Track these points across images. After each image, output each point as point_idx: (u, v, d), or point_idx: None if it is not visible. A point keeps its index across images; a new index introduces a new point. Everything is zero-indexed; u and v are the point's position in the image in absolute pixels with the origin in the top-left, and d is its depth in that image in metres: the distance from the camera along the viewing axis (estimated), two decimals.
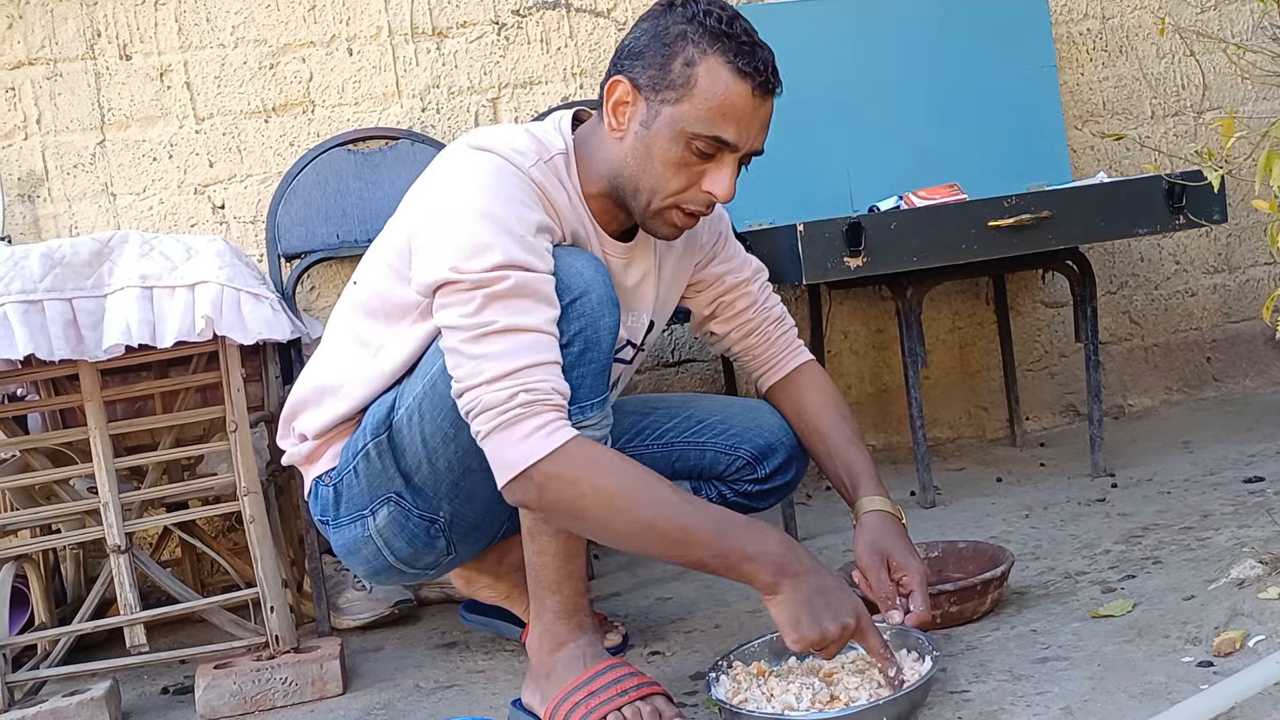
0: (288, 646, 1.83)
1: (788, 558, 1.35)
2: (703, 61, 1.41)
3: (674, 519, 1.33)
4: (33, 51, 2.51)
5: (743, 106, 1.43)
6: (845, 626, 1.35)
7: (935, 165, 2.70)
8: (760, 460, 1.73)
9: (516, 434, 1.32)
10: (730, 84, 1.41)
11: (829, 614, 1.34)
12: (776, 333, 1.78)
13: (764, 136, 1.48)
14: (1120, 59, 3.04)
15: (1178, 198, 2.28)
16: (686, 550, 1.34)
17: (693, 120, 1.42)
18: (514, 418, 1.32)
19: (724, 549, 1.34)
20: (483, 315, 1.34)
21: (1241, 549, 1.71)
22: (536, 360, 1.33)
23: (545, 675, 1.51)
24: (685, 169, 1.45)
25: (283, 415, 1.65)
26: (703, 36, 1.42)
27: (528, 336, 1.33)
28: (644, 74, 1.44)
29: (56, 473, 1.85)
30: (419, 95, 2.65)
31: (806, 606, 1.34)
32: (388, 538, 1.56)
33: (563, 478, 1.32)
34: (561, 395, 1.34)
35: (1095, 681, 1.39)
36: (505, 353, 1.32)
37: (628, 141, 1.47)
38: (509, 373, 1.32)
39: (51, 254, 1.67)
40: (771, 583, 1.34)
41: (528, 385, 1.32)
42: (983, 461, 2.78)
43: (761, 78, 1.43)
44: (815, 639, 1.34)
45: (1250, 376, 3.15)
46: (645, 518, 1.33)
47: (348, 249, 2.48)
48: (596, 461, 1.34)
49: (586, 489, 1.32)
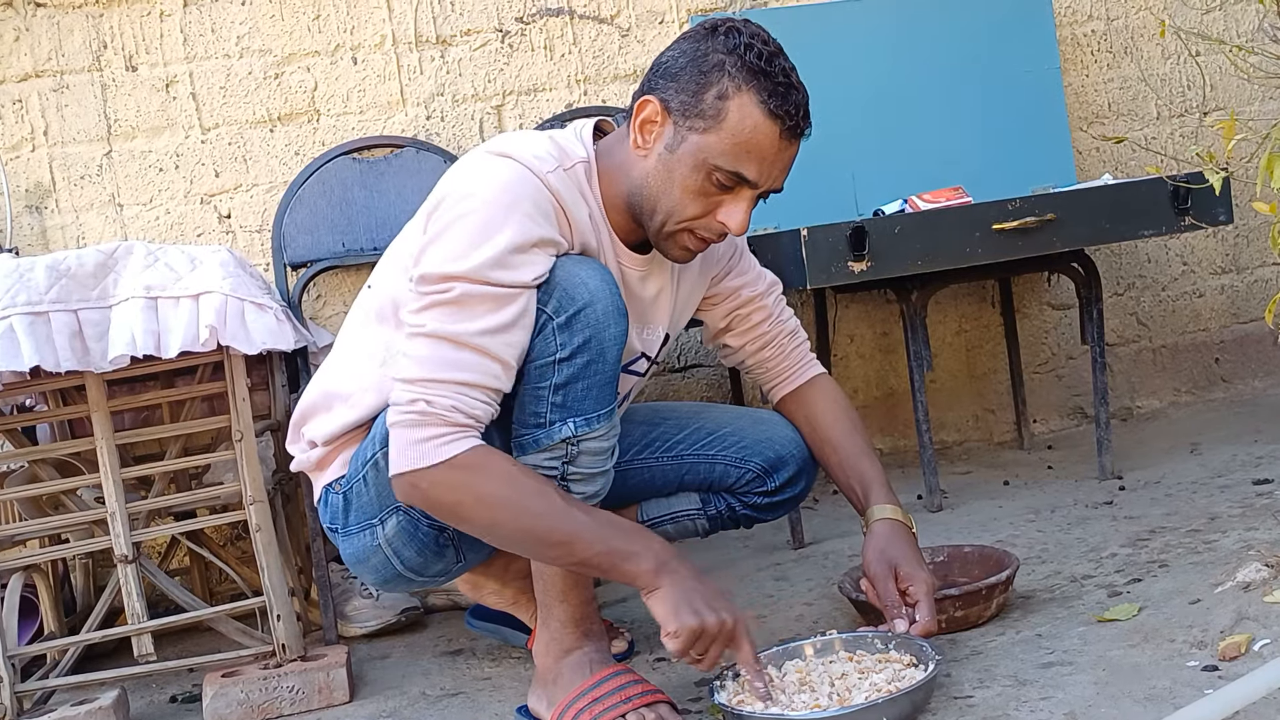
0: (295, 655, 1.84)
1: (668, 558, 1.38)
2: (736, 96, 1.41)
3: (557, 526, 1.37)
4: (39, 63, 2.52)
5: (768, 147, 1.43)
6: (723, 622, 1.35)
7: (940, 168, 2.69)
8: (770, 473, 1.73)
9: (411, 437, 1.36)
10: (760, 123, 1.42)
11: (708, 607, 1.35)
12: (790, 346, 1.77)
13: (785, 176, 1.48)
14: (1125, 60, 3.03)
15: (1183, 199, 2.27)
16: (571, 552, 1.38)
17: (717, 153, 1.43)
18: (410, 421, 1.36)
19: (607, 549, 1.37)
20: (419, 316, 1.38)
21: (1248, 552, 1.70)
22: (442, 376, 1.35)
23: (551, 682, 1.51)
24: (703, 197, 1.46)
25: (292, 420, 1.66)
26: (740, 70, 1.41)
27: (447, 349, 1.35)
28: (676, 98, 1.44)
29: (64, 483, 1.86)
30: (423, 103, 2.66)
31: (685, 598, 1.36)
32: (397, 547, 1.56)
33: (446, 485, 1.36)
34: (463, 413, 1.36)
35: (1100, 686, 1.38)
36: (420, 360, 1.36)
37: (651, 161, 1.47)
38: (416, 379, 1.36)
39: (57, 266, 1.69)
40: (652, 578, 1.37)
41: (427, 397, 1.35)
42: (990, 465, 2.77)
43: (792, 121, 1.43)
44: (694, 626, 1.34)
45: (1259, 377, 3.14)
46: (529, 525, 1.37)
47: (353, 257, 2.48)
48: (485, 471, 1.37)
49: (468, 498, 1.36)
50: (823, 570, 2.12)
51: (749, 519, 1.77)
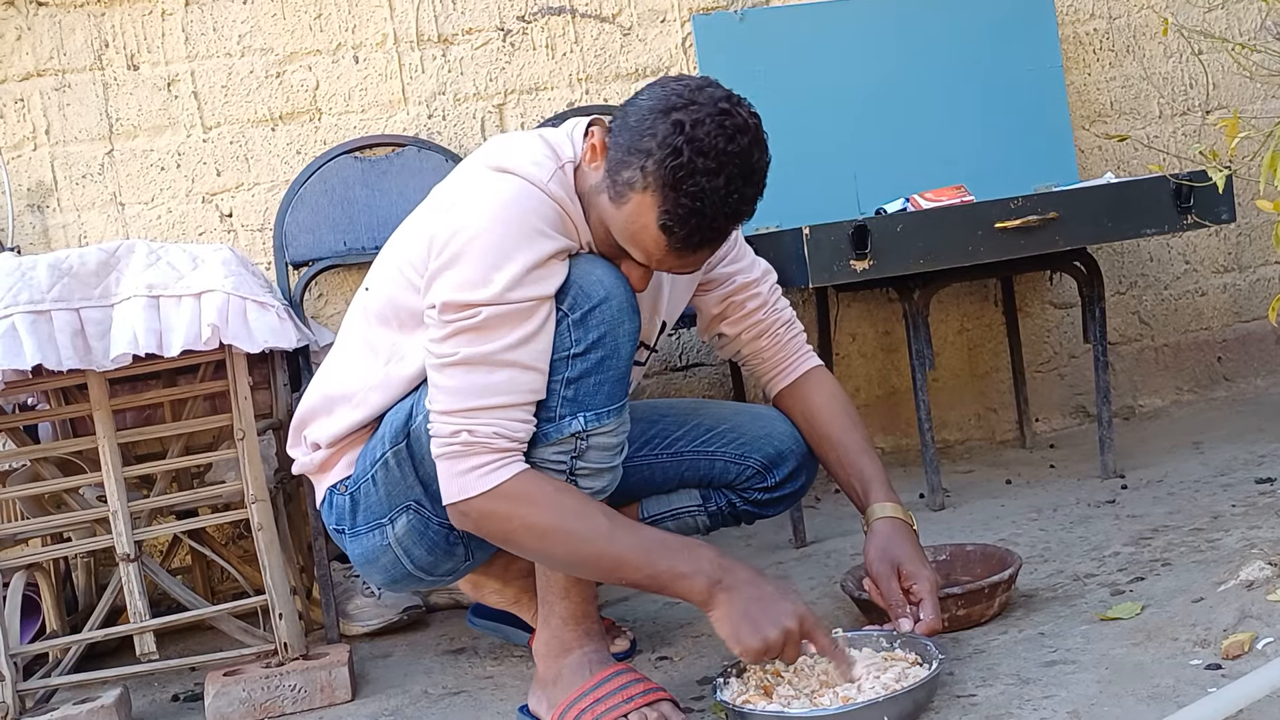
0: (296, 653, 1.83)
1: (720, 573, 1.39)
2: (640, 195, 1.38)
3: (606, 550, 1.39)
4: (41, 63, 2.52)
5: (654, 249, 1.41)
6: (787, 631, 1.37)
7: (942, 167, 2.69)
8: (770, 469, 1.73)
9: (456, 468, 1.38)
10: (648, 227, 1.39)
11: (768, 621, 1.36)
12: (786, 336, 1.77)
13: (691, 269, 1.45)
14: (1127, 59, 3.03)
15: (1185, 198, 2.27)
16: (621, 575, 1.41)
17: (613, 224, 1.42)
18: (454, 453, 1.38)
19: (656, 571, 1.39)
20: (445, 345, 1.38)
21: (1251, 550, 1.70)
22: (482, 404, 1.37)
23: (552, 682, 1.51)
24: (609, 245, 1.46)
25: (293, 424, 1.65)
26: (655, 172, 1.35)
27: (481, 374, 1.36)
28: (614, 148, 1.42)
29: (66, 482, 1.86)
30: (425, 102, 2.66)
31: (745, 617, 1.37)
32: (407, 546, 1.56)
33: (495, 514, 1.39)
34: (506, 438, 1.38)
35: (1103, 685, 1.38)
36: (456, 390, 1.37)
37: (595, 179, 1.46)
38: (455, 410, 1.37)
39: (59, 264, 1.69)
40: (706, 598, 1.39)
41: (470, 427, 1.37)
42: (992, 464, 2.77)
43: (680, 243, 1.38)
44: (758, 647, 1.36)
45: (1261, 376, 3.13)
46: (577, 550, 1.40)
47: (355, 256, 2.48)
48: (532, 499, 1.39)
49: (517, 526, 1.39)
50: (825, 569, 2.12)
51: (750, 515, 1.77)
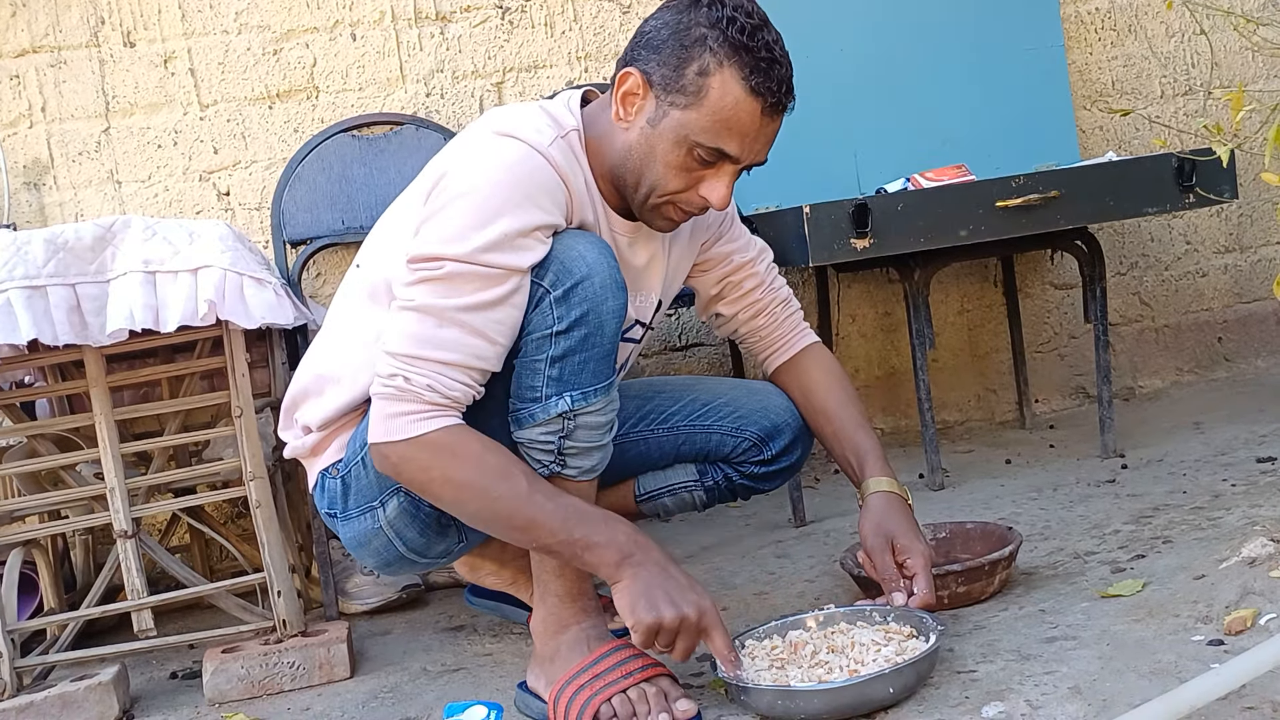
0: (295, 631, 1.83)
1: (634, 548, 1.38)
2: (718, 73, 1.40)
3: (520, 510, 1.38)
4: (37, 39, 2.51)
5: (750, 124, 1.41)
6: (684, 617, 1.35)
7: (943, 146, 2.68)
8: (766, 442, 1.72)
9: (387, 410, 1.38)
10: (741, 100, 1.40)
11: (667, 602, 1.35)
12: (783, 314, 1.77)
13: (768, 149, 1.47)
14: (1129, 38, 3.01)
15: (1187, 175, 2.26)
16: (534, 537, 1.39)
17: (698, 130, 1.41)
18: (388, 394, 1.38)
19: (571, 538, 1.38)
20: (408, 291, 1.39)
21: (1253, 528, 1.69)
22: (422, 354, 1.36)
23: (550, 659, 1.51)
24: (685, 172, 1.45)
25: (284, 407, 1.64)
26: (722, 46, 1.39)
27: (430, 325, 1.36)
28: (658, 71, 1.43)
29: (63, 458, 1.86)
30: (423, 80, 2.64)
31: (645, 593, 1.36)
32: (399, 528, 1.55)
33: (415, 462, 1.38)
34: (439, 393, 1.37)
35: (1104, 661, 1.38)
36: (404, 335, 1.37)
37: (633, 134, 1.46)
38: (398, 354, 1.37)
39: (55, 239, 1.67)
40: (614, 570, 1.38)
41: (406, 374, 1.37)
42: (992, 444, 2.77)
43: (774, 98, 1.41)
44: (650, 623, 1.34)
45: (1262, 356, 3.13)
46: (493, 508, 1.39)
47: (353, 235, 2.47)
48: (455, 452, 1.38)
49: (436, 476, 1.39)
50: (824, 547, 2.12)
51: (746, 489, 1.77)
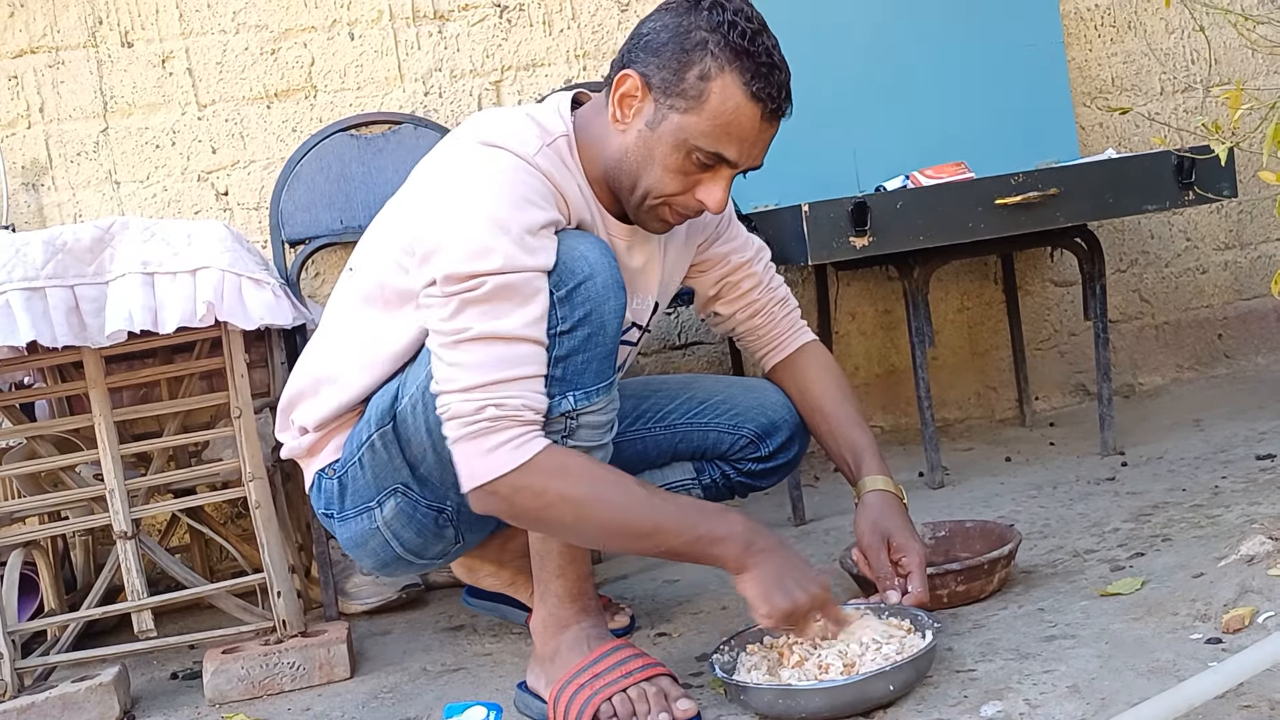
0: (295, 631, 1.83)
1: (753, 538, 1.39)
2: (719, 77, 1.40)
3: (645, 516, 1.37)
4: (34, 40, 2.50)
5: (750, 129, 1.42)
6: (815, 596, 1.38)
7: (942, 144, 2.67)
8: (763, 439, 1.73)
9: (483, 446, 1.33)
10: (742, 105, 1.40)
11: (798, 585, 1.38)
12: (781, 313, 1.77)
13: (764, 154, 1.48)
14: (1128, 34, 3.01)
15: (1187, 173, 2.26)
16: (659, 542, 1.39)
17: (698, 134, 1.41)
18: (481, 430, 1.33)
19: (696, 535, 1.38)
20: (457, 321, 1.34)
21: (1252, 526, 1.69)
22: (507, 376, 1.33)
23: (550, 658, 1.51)
24: (683, 175, 1.45)
25: (279, 408, 1.64)
26: (723, 50, 1.39)
27: (500, 347, 1.33)
28: (657, 74, 1.42)
29: (62, 459, 1.86)
30: (421, 79, 2.64)
31: (776, 580, 1.37)
32: (396, 529, 1.55)
33: (530, 489, 1.34)
34: (533, 410, 1.35)
35: (1103, 659, 1.38)
36: (478, 364, 1.33)
37: (630, 137, 1.46)
38: (478, 385, 1.33)
39: (53, 241, 1.67)
40: (740, 561, 1.38)
41: (496, 400, 1.33)
42: (991, 442, 2.77)
43: (774, 104, 1.42)
44: (787, 608, 1.36)
45: (1262, 354, 3.13)
46: (615, 518, 1.38)
47: (352, 235, 2.47)
48: (566, 471, 1.36)
49: (554, 499, 1.35)
50: (824, 546, 2.12)
51: (744, 486, 1.77)
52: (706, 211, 1.48)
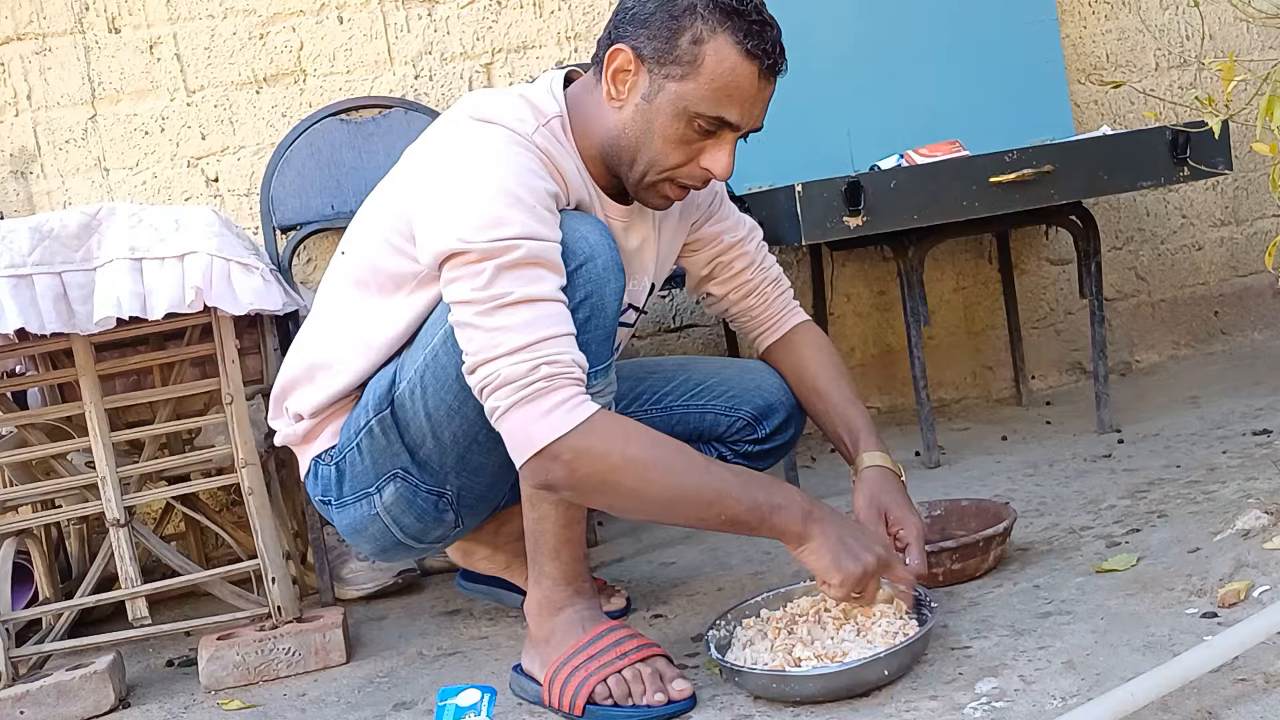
0: (290, 617, 1.83)
1: (811, 506, 1.37)
2: (711, 40, 1.38)
3: (707, 482, 1.33)
4: (21, 27, 2.49)
5: (748, 88, 1.40)
6: (880, 557, 1.37)
7: (937, 123, 2.66)
8: (760, 420, 1.72)
9: (539, 409, 1.28)
10: (737, 65, 1.39)
11: (864, 548, 1.36)
12: (774, 294, 1.76)
13: (764, 114, 1.46)
14: (1122, 11, 2.99)
15: (1182, 148, 2.25)
16: (721, 510, 1.33)
17: (697, 99, 1.40)
18: (536, 392, 1.28)
19: (755, 504, 1.33)
20: (496, 287, 1.30)
21: (1247, 500, 1.69)
22: (556, 332, 1.30)
23: (544, 640, 1.50)
24: (685, 145, 1.43)
25: (273, 395, 1.63)
26: (713, 12, 1.38)
27: (545, 306, 1.31)
28: (648, 45, 1.41)
29: (53, 447, 1.85)
30: (411, 62, 2.62)
31: (842, 545, 1.35)
32: (395, 514, 1.54)
33: (592, 452, 1.29)
34: (581, 367, 1.32)
35: (1098, 635, 1.38)
36: (525, 324, 1.29)
37: (627, 112, 1.44)
38: (529, 344, 1.28)
39: (40, 228, 1.66)
40: (801, 530, 1.35)
41: (549, 358, 1.28)
42: (988, 421, 2.76)
43: (770, 60, 1.40)
44: (858, 573, 1.34)
45: (1258, 330, 3.12)
46: (680, 483, 1.32)
47: (343, 220, 2.45)
48: (626, 433, 1.32)
49: (618, 460, 1.29)
50: None
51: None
52: (713, 179, 1.47)
